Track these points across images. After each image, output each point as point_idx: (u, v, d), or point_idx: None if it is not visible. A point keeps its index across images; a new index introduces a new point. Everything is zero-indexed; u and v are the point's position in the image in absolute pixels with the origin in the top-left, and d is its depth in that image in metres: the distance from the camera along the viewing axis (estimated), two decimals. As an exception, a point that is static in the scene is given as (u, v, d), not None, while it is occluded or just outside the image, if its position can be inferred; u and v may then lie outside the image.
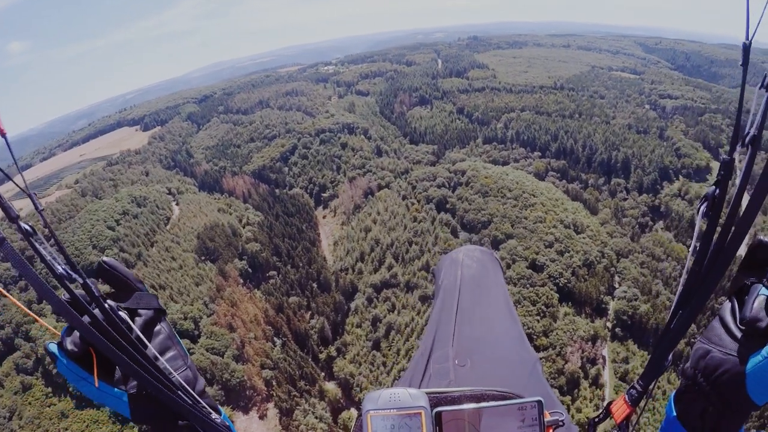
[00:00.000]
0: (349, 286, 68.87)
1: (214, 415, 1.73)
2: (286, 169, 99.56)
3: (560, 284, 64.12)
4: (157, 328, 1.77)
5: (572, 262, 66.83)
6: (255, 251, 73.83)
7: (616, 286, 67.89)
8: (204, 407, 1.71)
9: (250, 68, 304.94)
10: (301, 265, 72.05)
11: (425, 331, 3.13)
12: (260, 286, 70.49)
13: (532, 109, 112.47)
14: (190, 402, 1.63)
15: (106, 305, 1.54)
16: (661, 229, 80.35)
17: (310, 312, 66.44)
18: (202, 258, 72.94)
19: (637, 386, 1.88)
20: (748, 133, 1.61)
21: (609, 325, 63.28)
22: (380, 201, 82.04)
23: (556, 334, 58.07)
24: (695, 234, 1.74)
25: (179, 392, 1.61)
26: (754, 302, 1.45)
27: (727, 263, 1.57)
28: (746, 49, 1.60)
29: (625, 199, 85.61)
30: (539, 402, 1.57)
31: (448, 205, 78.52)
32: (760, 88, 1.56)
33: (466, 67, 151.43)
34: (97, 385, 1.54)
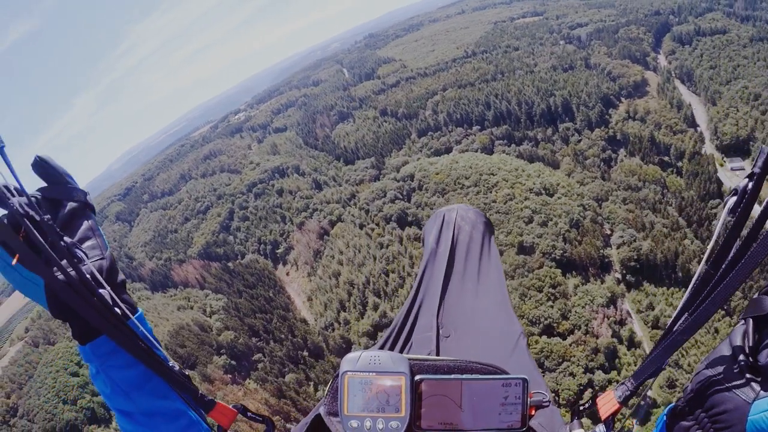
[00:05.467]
0: (342, 343, 62.82)
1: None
2: (231, 238, 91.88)
3: (556, 258, 59.59)
4: (81, 220, 1.75)
5: (559, 229, 62.44)
6: (231, 340, 66.57)
7: (610, 233, 64.56)
8: (118, 303, 1.66)
9: (164, 142, 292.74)
10: (283, 337, 65.49)
11: (410, 295, 2.97)
12: (250, 375, 63.29)
13: (454, 85, 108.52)
14: (95, 293, 1.57)
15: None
16: (626, 156, 77.88)
17: (311, 384, 60.05)
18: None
19: (627, 384, 1.79)
20: None
21: (619, 276, 59.87)
22: (338, 238, 75.73)
23: (575, 312, 53.63)
24: (716, 231, 1.58)
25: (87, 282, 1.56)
26: None
27: (749, 271, 1.33)
28: None
29: (580, 141, 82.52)
30: (524, 380, 1.54)
31: (410, 218, 72.61)
32: None
33: (373, 68, 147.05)
34: (14, 262, 1.46)
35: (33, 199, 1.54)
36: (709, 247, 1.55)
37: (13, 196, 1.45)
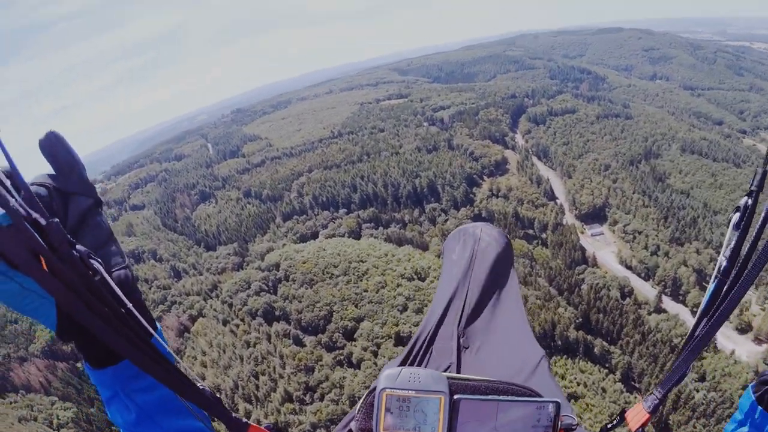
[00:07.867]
0: (212, 459, 54.78)
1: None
2: (79, 335, 79.90)
3: (436, 346, 57.53)
4: (97, 219, 1.47)
5: (433, 316, 60.80)
6: (82, 463, 56.28)
7: (485, 312, 64.42)
8: (142, 323, 1.40)
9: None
10: (144, 452, 55.99)
11: (432, 306, 2.93)
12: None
13: (320, 166, 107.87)
14: (123, 310, 1.32)
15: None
16: (491, 234, 79.83)
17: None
18: None
19: (656, 393, 1.85)
20: None
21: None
22: (200, 336, 68.73)
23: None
24: (725, 244, 1.75)
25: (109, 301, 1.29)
26: None
27: (756, 274, 1.54)
28: None
29: (447, 220, 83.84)
30: (557, 404, 1.53)
31: (277, 312, 67.63)
32: None
33: (238, 145, 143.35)
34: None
35: (43, 190, 1.30)
36: (720, 256, 1.67)
37: (14, 192, 1.16)
